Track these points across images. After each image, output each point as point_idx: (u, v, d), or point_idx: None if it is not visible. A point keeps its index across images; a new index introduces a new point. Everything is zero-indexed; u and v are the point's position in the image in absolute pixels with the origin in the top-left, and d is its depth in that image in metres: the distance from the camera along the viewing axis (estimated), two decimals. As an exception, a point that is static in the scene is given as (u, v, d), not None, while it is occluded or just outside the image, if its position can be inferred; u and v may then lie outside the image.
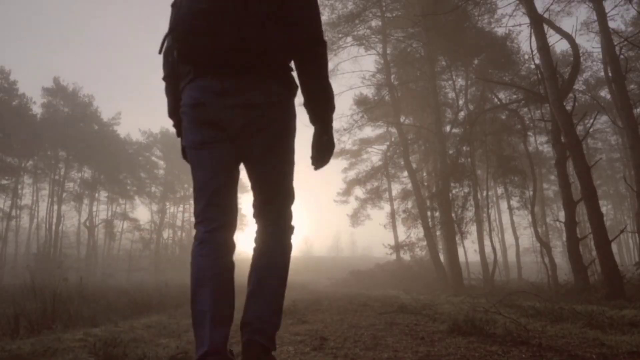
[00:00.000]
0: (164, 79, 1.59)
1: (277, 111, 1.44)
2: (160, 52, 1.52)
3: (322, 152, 1.56)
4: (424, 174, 21.50)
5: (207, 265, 1.38)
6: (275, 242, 1.51)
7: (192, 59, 1.37)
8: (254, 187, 1.55)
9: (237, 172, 1.53)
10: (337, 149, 19.72)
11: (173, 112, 1.61)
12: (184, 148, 1.54)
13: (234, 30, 1.32)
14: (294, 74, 1.54)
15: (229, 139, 1.43)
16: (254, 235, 1.56)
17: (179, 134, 1.61)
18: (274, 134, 1.45)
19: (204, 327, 1.31)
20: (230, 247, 1.46)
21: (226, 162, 1.45)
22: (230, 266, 1.43)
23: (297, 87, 1.53)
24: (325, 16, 17.53)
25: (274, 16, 1.36)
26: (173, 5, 1.44)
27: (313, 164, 1.58)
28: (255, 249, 1.52)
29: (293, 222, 1.60)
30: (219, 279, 1.37)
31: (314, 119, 1.56)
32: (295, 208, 1.64)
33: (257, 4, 1.34)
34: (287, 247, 1.54)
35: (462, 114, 18.01)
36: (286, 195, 1.55)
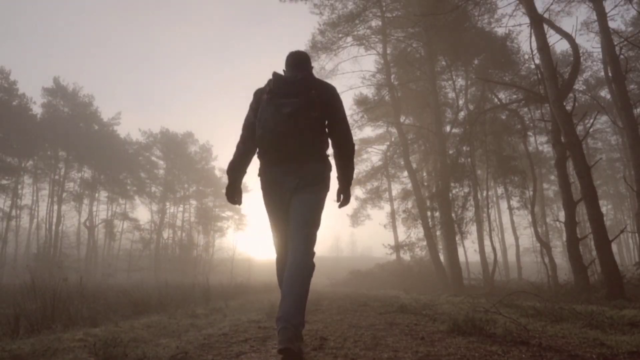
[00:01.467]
0: (242, 143, 2.55)
1: (317, 178, 2.44)
2: (242, 143, 2.55)
3: (343, 200, 2.67)
4: (424, 174, 21.48)
5: (283, 264, 2.42)
6: (302, 269, 2.23)
7: (271, 158, 2.43)
8: (293, 219, 2.39)
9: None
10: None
11: (233, 169, 2.54)
12: (228, 191, 2.56)
13: (296, 144, 2.34)
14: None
15: (285, 208, 2.45)
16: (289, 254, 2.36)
17: (230, 181, 2.55)
18: (313, 188, 2.43)
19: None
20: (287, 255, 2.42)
21: (285, 215, 2.48)
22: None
23: (331, 165, 2.54)
24: (325, 16, 17.56)
25: (320, 135, 2.43)
26: (259, 121, 2.40)
27: (337, 201, 2.67)
28: (288, 266, 2.25)
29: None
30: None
31: (341, 187, 2.65)
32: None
33: (309, 130, 2.34)
34: (311, 268, 2.28)
35: (462, 114, 17.99)
36: (315, 224, 2.41)
